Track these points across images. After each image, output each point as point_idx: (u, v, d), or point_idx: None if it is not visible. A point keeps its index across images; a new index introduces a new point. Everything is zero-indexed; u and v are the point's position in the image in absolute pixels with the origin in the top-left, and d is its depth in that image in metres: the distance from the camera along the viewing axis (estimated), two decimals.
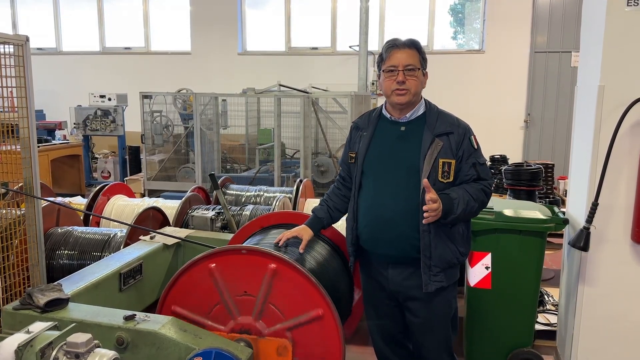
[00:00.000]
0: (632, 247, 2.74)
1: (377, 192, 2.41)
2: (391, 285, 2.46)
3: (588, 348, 2.89)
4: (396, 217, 2.36)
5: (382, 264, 2.47)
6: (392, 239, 2.38)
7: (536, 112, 9.26)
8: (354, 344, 3.45)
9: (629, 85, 2.61)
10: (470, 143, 2.37)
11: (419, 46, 2.40)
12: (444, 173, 2.32)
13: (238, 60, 10.26)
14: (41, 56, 10.59)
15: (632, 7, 2.57)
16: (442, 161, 2.32)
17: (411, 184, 2.34)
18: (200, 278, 2.47)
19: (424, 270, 2.34)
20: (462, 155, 2.35)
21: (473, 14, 9.93)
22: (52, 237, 3.55)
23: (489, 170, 2.45)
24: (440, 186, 2.31)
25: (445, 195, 2.28)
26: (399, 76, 2.33)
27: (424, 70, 2.41)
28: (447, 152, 2.33)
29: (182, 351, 2.09)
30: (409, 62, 2.33)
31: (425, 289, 2.35)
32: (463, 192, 2.31)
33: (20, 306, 2.26)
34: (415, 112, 2.42)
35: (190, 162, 7.77)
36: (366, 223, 2.45)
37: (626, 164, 2.67)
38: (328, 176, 7.46)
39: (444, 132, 2.35)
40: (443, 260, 2.35)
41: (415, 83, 2.35)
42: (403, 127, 2.42)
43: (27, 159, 2.88)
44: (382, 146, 2.44)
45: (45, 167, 7.38)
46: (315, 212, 2.71)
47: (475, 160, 2.38)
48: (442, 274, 2.36)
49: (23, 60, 2.81)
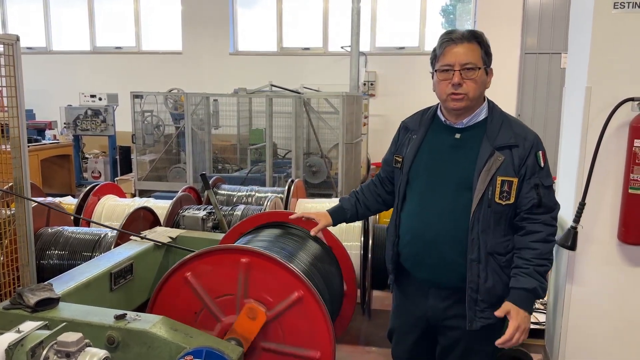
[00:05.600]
0: (619, 246, 2.77)
1: (421, 209, 2.09)
2: (430, 312, 2.15)
3: (576, 346, 2.92)
4: (440, 239, 2.04)
5: (422, 287, 2.16)
6: (435, 264, 2.07)
7: (526, 113, 9.31)
8: (345, 343, 3.46)
9: (616, 86, 2.64)
10: (537, 160, 2.00)
11: (481, 39, 1.99)
12: (503, 193, 1.96)
13: (229, 60, 10.25)
14: (31, 55, 10.52)
15: (618, 9, 2.60)
16: (501, 179, 1.95)
17: (461, 202, 1.99)
18: (178, 288, 2.47)
19: (469, 306, 2.02)
20: (525, 173, 1.98)
21: (464, 15, 9.99)
22: (42, 237, 3.53)
23: (554, 195, 2.06)
24: (498, 208, 1.97)
25: (519, 295, 1.95)
26: (454, 77, 1.95)
27: (487, 67, 2.02)
28: (507, 169, 1.96)
29: (172, 350, 2.10)
30: (468, 60, 1.95)
31: (469, 327, 2.04)
32: (532, 269, 1.95)
33: (11, 306, 2.25)
34: (474, 118, 2.06)
35: (181, 162, 7.75)
36: (407, 241, 2.15)
37: (613, 164, 2.70)
38: (320, 176, 7.47)
39: (506, 144, 1.99)
40: (493, 295, 2.00)
41: (474, 87, 1.97)
42: (458, 135, 2.07)
43: (17, 158, 2.86)
44: (432, 154, 2.10)
45: (35, 167, 7.33)
46: (342, 202, 2.46)
47: (539, 182, 1.99)
48: (490, 310, 2.01)
49: (13, 60, 2.79)
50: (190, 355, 1.94)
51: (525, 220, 2.01)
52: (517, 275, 1.98)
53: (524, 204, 1.99)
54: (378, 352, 3.56)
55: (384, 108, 9.64)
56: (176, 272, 2.47)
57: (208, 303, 2.44)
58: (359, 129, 8.11)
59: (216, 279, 2.43)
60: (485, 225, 1.98)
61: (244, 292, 2.42)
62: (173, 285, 2.48)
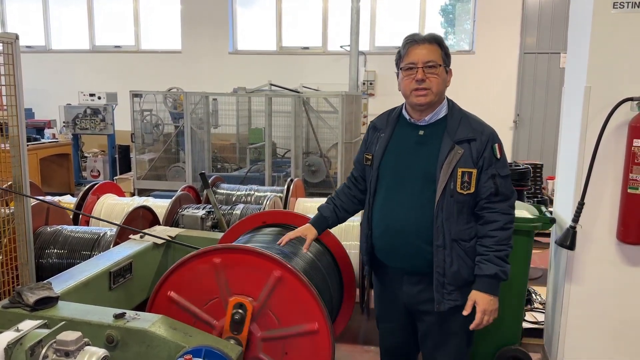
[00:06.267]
0: (618, 245, 2.78)
1: (389, 201, 2.25)
2: (405, 298, 2.31)
3: (575, 345, 2.93)
4: (408, 229, 2.19)
5: (396, 276, 2.32)
6: (405, 253, 2.23)
7: (525, 113, 9.32)
8: (343, 342, 3.47)
9: (615, 86, 2.65)
10: (493, 152, 2.15)
11: (440, 41, 2.19)
12: (464, 184, 2.13)
13: (229, 59, 10.24)
14: (30, 54, 10.51)
15: (617, 9, 2.61)
16: (462, 170, 2.12)
17: (426, 193, 2.16)
18: (202, 270, 2.46)
19: (437, 289, 2.17)
20: (483, 164, 2.14)
21: (463, 15, 9.99)
22: (41, 236, 3.53)
23: (510, 184, 2.20)
24: (460, 198, 2.13)
25: (482, 282, 2.13)
26: (418, 74, 2.13)
27: (447, 67, 2.20)
28: (467, 161, 2.13)
29: (171, 349, 2.10)
30: (430, 59, 2.13)
31: (437, 308, 2.19)
32: (491, 255, 2.13)
33: (10, 305, 2.25)
34: (436, 115, 2.22)
35: (180, 162, 7.75)
36: (379, 233, 2.30)
37: (612, 164, 2.71)
38: (319, 176, 7.48)
39: (465, 138, 2.15)
40: (458, 278, 2.17)
41: (436, 81, 2.14)
42: (422, 131, 2.23)
43: (16, 157, 2.86)
44: (398, 151, 2.26)
45: (34, 166, 7.33)
46: (321, 210, 2.57)
47: (496, 172, 2.15)
48: (457, 292, 2.18)
49: (13, 59, 2.79)
50: (190, 355, 1.94)
51: (485, 210, 2.17)
52: (479, 263, 2.16)
53: (483, 192, 2.15)
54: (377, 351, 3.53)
55: (383, 107, 9.33)
56: (208, 255, 2.45)
57: (198, 313, 2.45)
58: (358, 129, 8.11)
59: (243, 277, 2.42)
60: (449, 213, 2.14)
61: (227, 290, 2.43)
62: (199, 265, 2.47)
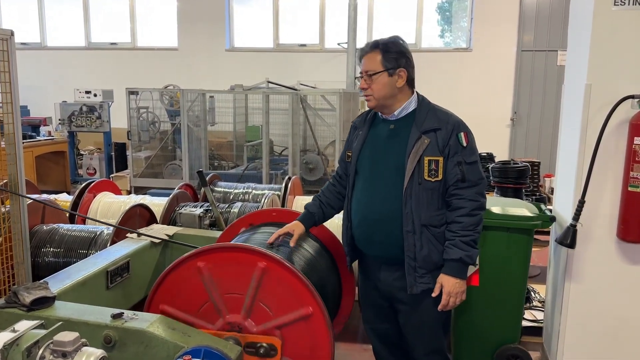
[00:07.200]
0: (618, 244, 2.77)
1: (366, 193, 2.39)
2: (383, 286, 2.44)
3: (574, 344, 2.92)
4: (383, 218, 2.33)
5: (375, 264, 2.45)
6: (381, 241, 2.36)
7: (522, 110, 9.33)
8: (342, 341, 3.46)
9: (616, 83, 2.64)
10: (458, 140, 2.26)
11: (383, 47, 2.31)
12: (431, 171, 2.25)
13: (226, 56, 10.21)
14: (25, 51, 10.45)
15: (619, 6, 2.59)
16: (428, 159, 2.25)
17: (398, 183, 2.28)
18: (188, 277, 2.45)
19: (409, 272, 2.29)
20: (449, 152, 2.26)
21: (460, 13, 9.98)
22: (37, 235, 3.50)
23: (479, 170, 2.31)
24: (429, 185, 2.25)
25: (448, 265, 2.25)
26: (361, 83, 2.35)
27: (391, 70, 2.30)
28: (433, 150, 2.25)
29: (170, 349, 2.08)
30: (368, 68, 2.32)
31: (410, 291, 2.31)
32: (457, 240, 2.24)
33: (6, 305, 2.23)
34: (405, 109, 2.37)
35: (177, 159, 7.72)
36: (357, 224, 2.44)
37: (612, 162, 2.69)
38: (317, 173, 7.46)
39: (431, 128, 2.27)
40: (429, 262, 2.28)
41: (377, 87, 2.31)
42: (392, 125, 2.39)
43: (11, 155, 2.84)
44: (373, 145, 2.41)
45: (29, 163, 7.29)
46: (308, 207, 2.70)
47: (462, 159, 2.26)
48: (429, 275, 2.30)
49: (8, 55, 2.77)
50: (189, 355, 1.93)
51: (453, 197, 2.28)
52: (446, 248, 2.27)
53: (450, 179, 2.27)
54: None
55: None
56: (190, 260, 2.44)
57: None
58: None
59: (229, 275, 2.41)
60: (419, 200, 2.26)
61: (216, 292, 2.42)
62: (183, 272, 2.45)
